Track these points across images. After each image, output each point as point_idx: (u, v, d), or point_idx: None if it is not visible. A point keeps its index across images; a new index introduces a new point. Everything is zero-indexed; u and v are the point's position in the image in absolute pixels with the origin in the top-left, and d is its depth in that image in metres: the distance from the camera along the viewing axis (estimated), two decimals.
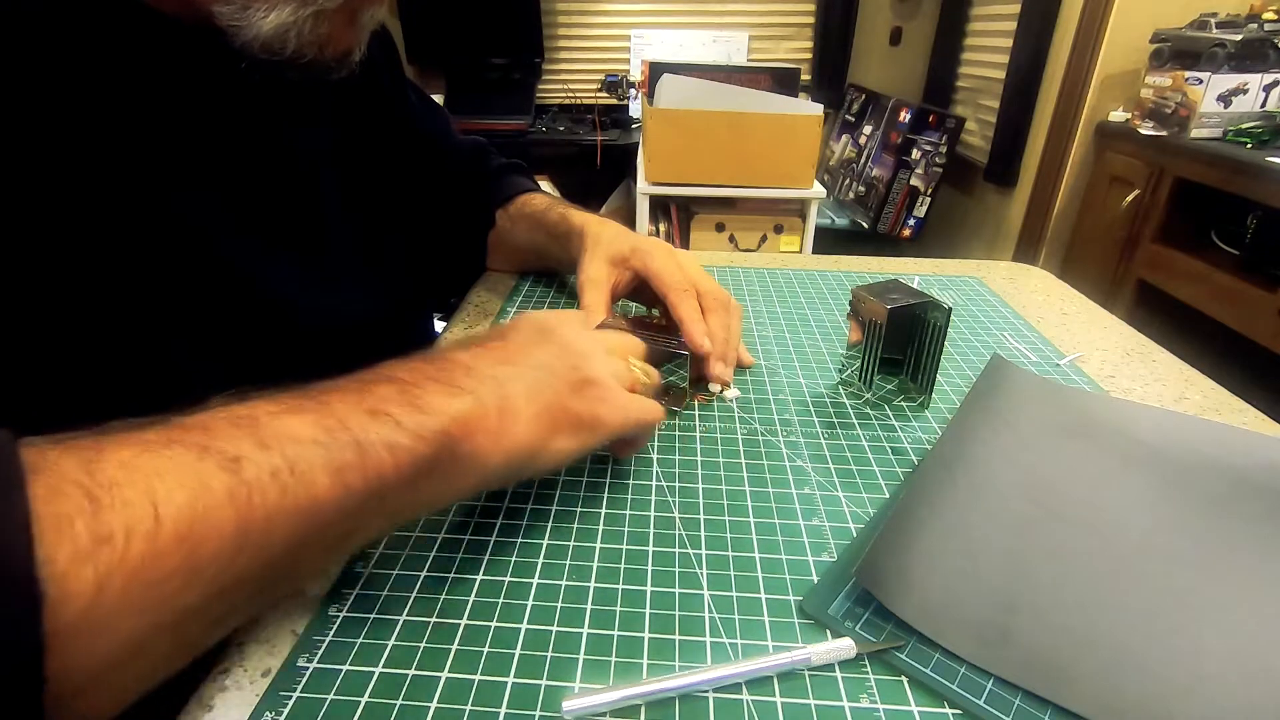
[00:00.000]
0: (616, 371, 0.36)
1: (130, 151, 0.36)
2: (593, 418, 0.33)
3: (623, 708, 0.27)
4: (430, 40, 2.47)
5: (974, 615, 0.30)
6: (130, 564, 0.19)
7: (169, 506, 0.21)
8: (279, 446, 0.24)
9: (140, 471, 0.21)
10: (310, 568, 0.26)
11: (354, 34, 0.41)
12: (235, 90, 0.41)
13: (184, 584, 0.21)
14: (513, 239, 0.67)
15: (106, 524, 0.19)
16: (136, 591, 0.20)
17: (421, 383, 0.29)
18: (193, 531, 0.21)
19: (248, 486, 0.22)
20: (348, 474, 0.24)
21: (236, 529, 0.22)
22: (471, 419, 0.28)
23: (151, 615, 0.20)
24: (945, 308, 0.44)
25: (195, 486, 0.21)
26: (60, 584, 0.18)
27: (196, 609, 0.21)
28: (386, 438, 0.26)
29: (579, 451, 0.33)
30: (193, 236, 0.39)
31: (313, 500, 0.23)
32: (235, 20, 0.36)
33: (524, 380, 0.31)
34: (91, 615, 0.19)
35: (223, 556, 0.21)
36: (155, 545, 0.20)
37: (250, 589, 0.23)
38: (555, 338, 0.35)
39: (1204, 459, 0.40)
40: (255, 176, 0.44)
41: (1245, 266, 1.47)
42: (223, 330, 0.41)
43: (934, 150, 2.24)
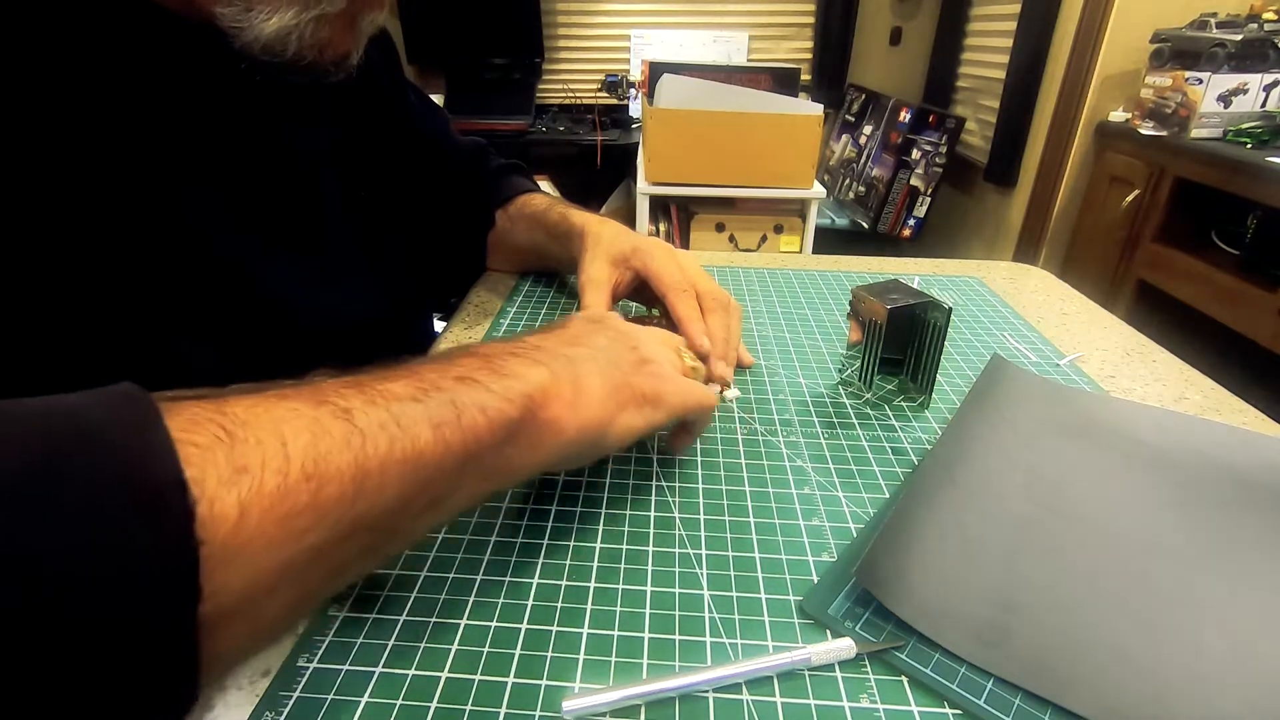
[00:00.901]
0: (670, 357, 0.39)
1: (132, 150, 0.36)
2: (655, 394, 0.34)
3: (623, 708, 0.27)
4: (430, 40, 2.47)
5: (974, 615, 0.30)
6: (267, 496, 0.20)
7: (296, 446, 0.21)
8: (384, 403, 0.25)
9: (266, 416, 0.22)
10: (415, 525, 0.26)
11: (353, 38, 0.41)
12: (237, 90, 0.41)
13: (311, 522, 0.21)
14: (512, 239, 0.67)
15: (243, 455, 0.20)
16: (271, 524, 0.20)
17: (502, 355, 0.30)
18: (318, 470, 0.22)
19: (361, 434, 0.23)
20: (446, 430, 0.25)
21: (354, 473, 0.22)
22: (550, 388, 0.30)
23: (284, 550, 0.21)
24: (945, 308, 0.44)
25: (316, 431, 0.22)
26: (210, 504, 0.19)
27: (320, 551, 0.22)
28: (478, 399, 0.27)
29: (645, 429, 0.34)
30: (194, 236, 0.39)
31: (418, 453, 0.24)
32: (237, 22, 0.36)
33: (592, 360, 0.33)
34: (236, 539, 0.19)
35: (344, 499, 0.22)
36: (287, 481, 0.21)
37: (364, 539, 0.24)
38: (609, 324, 0.37)
39: (1204, 459, 0.40)
40: (256, 176, 0.44)
41: (1245, 266, 1.47)
42: (223, 329, 0.41)
43: (934, 150, 2.24)
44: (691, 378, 0.39)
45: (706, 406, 0.38)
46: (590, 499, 0.38)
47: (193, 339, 0.40)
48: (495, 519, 0.36)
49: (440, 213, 0.65)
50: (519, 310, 0.61)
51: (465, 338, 0.56)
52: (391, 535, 0.26)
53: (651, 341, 0.38)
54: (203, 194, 0.40)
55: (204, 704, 0.27)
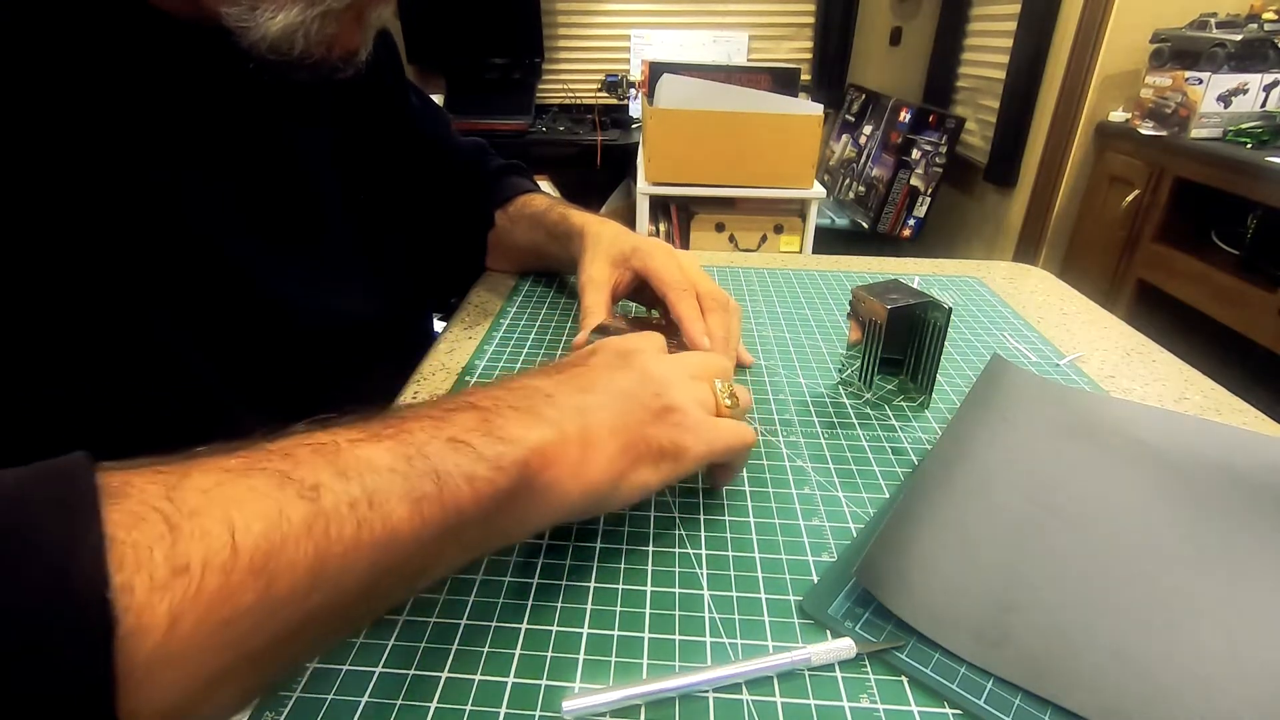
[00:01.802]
0: (700, 398, 0.35)
1: (132, 150, 0.36)
2: (675, 447, 0.32)
3: (623, 708, 0.27)
4: (430, 40, 2.46)
5: (974, 615, 0.30)
6: (205, 599, 0.19)
7: (246, 537, 0.20)
8: (358, 476, 0.23)
9: (220, 501, 0.20)
10: (384, 603, 0.25)
11: (360, 34, 0.41)
12: (238, 90, 0.41)
13: (258, 621, 0.20)
14: (512, 239, 0.67)
15: (184, 554, 0.19)
16: (209, 629, 0.19)
17: (502, 410, 0.28)
18: (269, 565, 0.20)
19: (325, 517, 0.21)
20: (425, 505, 0.24)
21: (312, 564, 0.21)
22: (551, 450, 0.27)
23: (224, 652, 0.19)
24: (945, 308, 0.44)
25: (273, 517, 0.21)
26: (137, 615, 0.17)
27: (269, 647, 0.21)
28: (466, 468, 0.25)
29: (660, 484, 0.32)
30: (194, 235, 0.39)
31: (390, 532, 0.23)
32: (243, 21, 0.36)
33: (606, 410, 0.30)
34: (164, 651, 0.18)
35: (297, 593, 0.21)
36: (230, 580, 0.19)
37: (323, 627, 0.22)
38: (636, 363, 0.34)
39: (1204, 459, 0.40)
40: (257, 176, 0.44)
41: (1245, 266, 1.47)
42: (223, 328, 0.42)
43: (934, 150, 2.24)
44: (728, 415, 0.36)
45: (739, 448, 0.35)
46: None
47: (193, 339, 0.40)
48: None
49: (440, 213, 0.65)
50: (519, 310, 0.61)
51: (465, 338, 0.56)
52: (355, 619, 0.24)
53: (681, 382, 0.34)
54: (203, 194, 0.40)
55: None
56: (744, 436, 0.35)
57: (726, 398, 0.36)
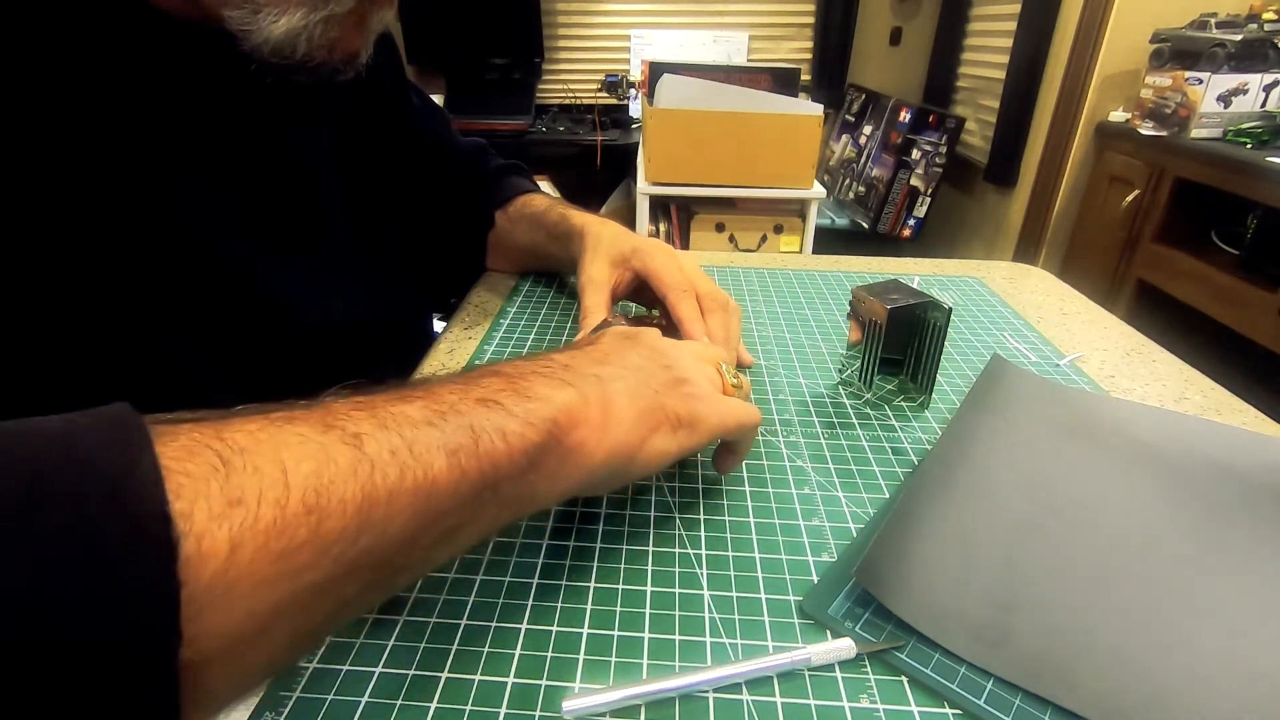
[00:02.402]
0: (708, 375, 0.36)
1: (134, 151, 0.37)
2: (691, 416, 0.32)
3: (623, 708, 0.27)
4: (430, 41, 2.47)
5: (974, 615, 0.30)
6: (261, 531, 0.19)
7: (297, 475, 0.20)
8: (396, 427, 0.23)
9: (268, 442, 0.20)
10: (426, 558, 0.25)
11: (362, 37, 0.41)
12: (239, 91, 0.41)
13: (310, 558, 0.20)
14: (512, 239, 0.67)
15: (239, 486, 0.19)
16: (265, 561, 0.19)
17: (526, 375, 0.29)
18: (320, 502, 0.20)
19: (370, 462, 0.22)
20: (462, 456, 0.24)
21: (361, 504, 0.21)
22: (576, 410, 0.28)
23: (279, 587, 0.19)
24: (945, 308, 0.44)
25: (321, 458, 0.21)
26: (197, 541, 0.18)
27: (319, 589, 0.21)
28: (498, 423, 0.26)
29: (679, 452, 0.32)
30: (195, 236, 0.39)
31: (430, 481, 0.23)
32: (246, 24, 0.36)
33: (622, 380, 0.31)
34: (225, 579, 0.18)
35: (348, 532, 0.21)
36: (285, 514, 0.19)
37: (370, 574, 0.22)
38: (644, 341, 0.35)
39: (1204, 459, 0.40)
40: (257, 177, 0.44)
41: (1245, 266, 1.47)
42: (223, 329, 0.42)
43: (934, 150, 2.24)
44: (733, 395, 0.37)
45: (749, 425, 0.36)
46: (590, 499, 0.38)
47: (194, 339, 0.40)
48: None
49: (440, 213, 0.65)
50: (519, 310, 0.61)
51: (465, 338, 0.56)
52: (400, 569, 0.24)
53: (688, 359, 0.35)
54: (204, 195, 0.40)
55: None
56: (752, 415, 0.36)
57: (732, 378, 0.37)
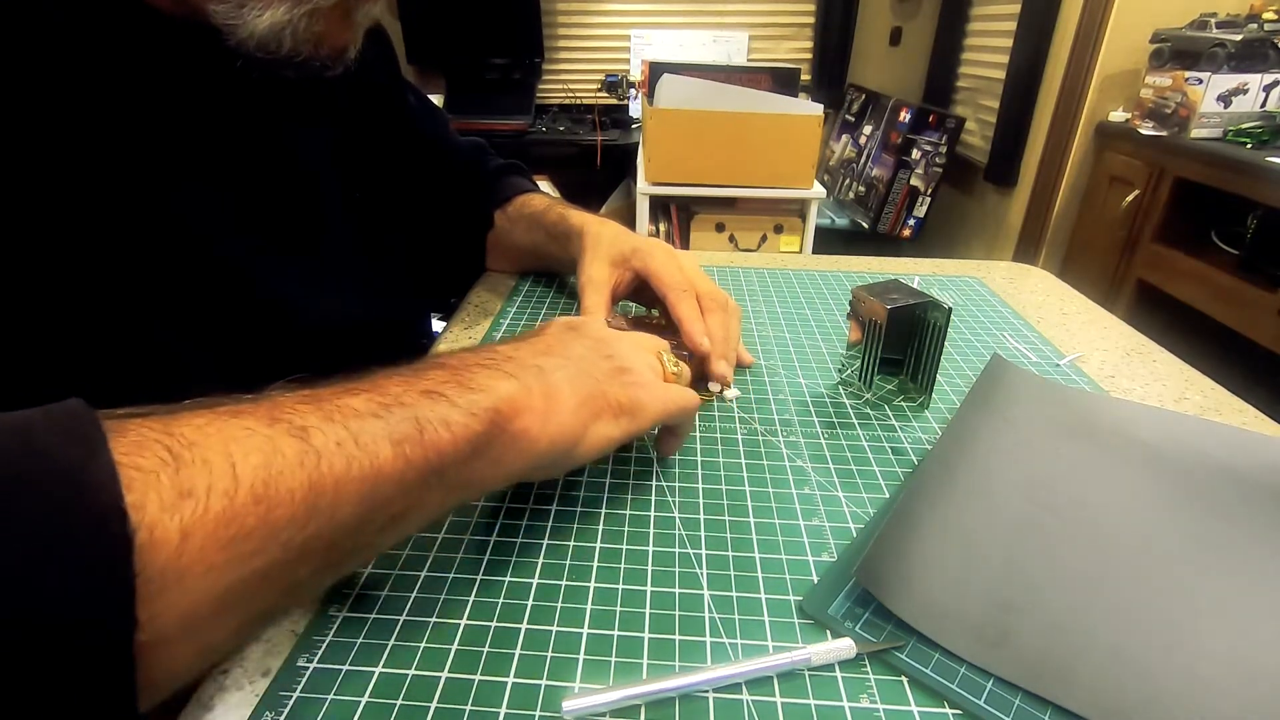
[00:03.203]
0: (650, 364, 0.38)
1: (130, 150, 0.36)
2: (632, 403, 0.34)
3: (623, 708, 0.27)
4: (430, 40, 2.47)
5: (974, 615, 0.30)
6: (211, 520, 0.20)
7: (245, 467, 0.21)
8: (342, 420, 0.24)
9: (216, 435, 0.21)
10: (373, 542, 0.26)
11: (349, 31, 0.41)
12: (235, 90, 0.41)
13: (259, 545, 0.21)
14: (511, 239, 0.67)
15: (188, 479, 0.20)
16: (215, 548, 0.20)
17: (470, 367, 0.30)
18: (268, 492, 0.21)
19: (316, 453, 0.23)
20: (407, 446, 0.25)
21: (307, 493, 0.22)
22: (519, 399, 0.29)
23: (229, 573, 0.20)
24: (945, 308, 0.44)
25: (268, 451, 0.22)
26: (150, 530, 0.18)
27: (269, 574, 0.22)
28: (442, 414, 0.26)
29: (621, 438, 0.33)
30: (192, 236, 0.39)
31: (376, 471, 0.24)
32: (230, 19, 0.36)
33: (565, 369, 0.32)
34: (177, 565, 0.19)
35: (295, 521, 0.22)
36: (234, 504, 0.20)
37: (318, 559, 0.23)
38: (587, 331, 0.36)
39: (1204, 459, 0.40)
40: (255, 176, 0.44)
41: (1245, 266, 1.47)
42: (222, 329, 0.41)
43: (934, 150, 2.24)
44: (674, 382, 0.39)
45: (687, 410, 0.38)
46: (590, 499, 0.38)
47: (193, 340, 0.40)
48: (495, 519, 0.36)
49: (439, 213, 0.65)
50: (519, 310, 0.61)
51: (465, 338, 0.56)
52: (349, 553, 0.25)
53: (629, 348, 0.37)
54: (201, 195, 0.40)
55: (203, 704, 0.27)
56: (691, 400, 0.38)
57: (673, 366, 0.39)
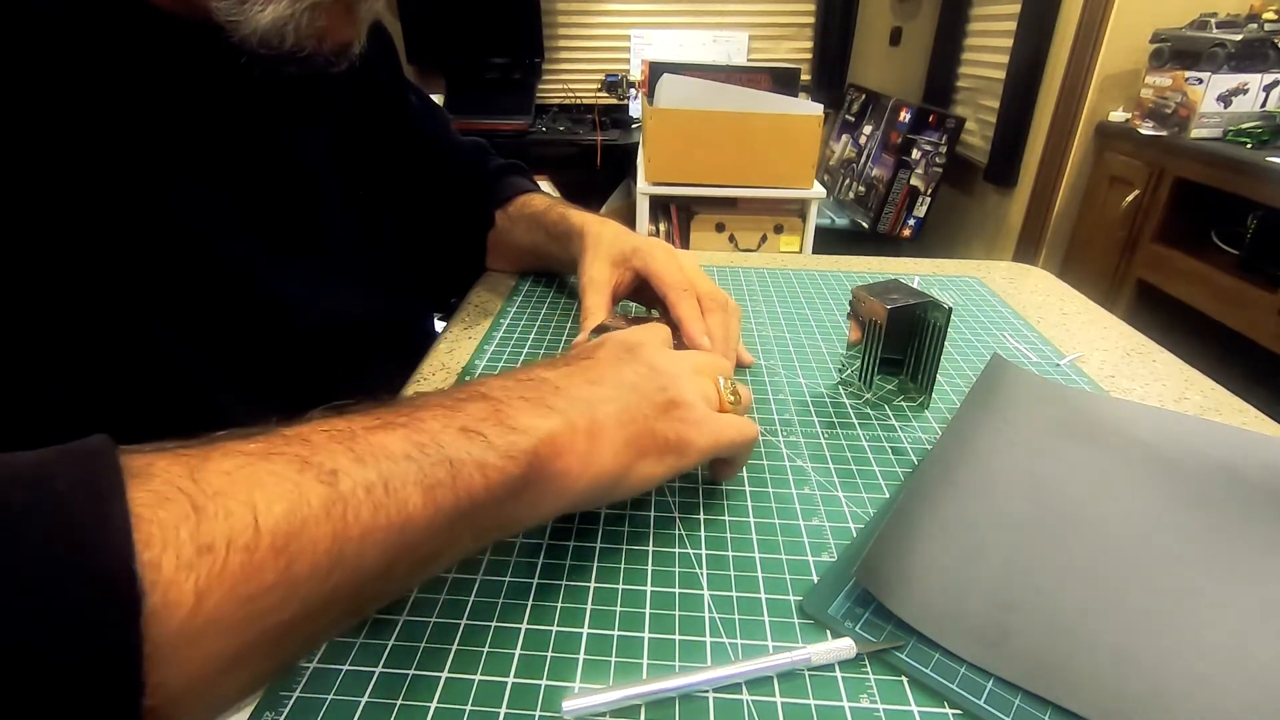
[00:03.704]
0: (705, 393, 0.35)
1: (130, 149, 0.36)
2: (680, 440, 0.32)
3: (623, 708, 0.27)
4: (430, 40, 2.47)
5: (974, 615, 0.30)
6: (229, 577, 0.19)
7: (269, 518, 0.20)
8: (374, 462, 0.23)
9: (242, 483, 0.21)
10: (399, 586, 0.25)
11: (352, 26, 0.41)
12: (236, 89, 0.41)
13: (279, 601, 0.20)
14: (512, 239, 0.67)
15: (209, 533, 0.19)
16: (232, 606, 0.19)
17: (512, 401, 0.28)
18: (289, 545, 0.20)
19: (344, 501, 0.22)
20: (439, 492, 0.24)
21: (332, 544, 0.21)
22: (560, 440, 0.28)
23: (246, 632, 0.20)
24: (945, 308, 0.44)
25: (294, 499, 0.21)
26: (164, 591, 0.18)
27: (290, 626, 0.21)
28: (478, 456, 0.25)
29: (666, 475, 0.32)
30: (193, 236, 0.39)
31: (405, 517, 0.23)
32: (232, 15, 0.36)
33: (613, 403, 0.31)
34: (191, 627, 0.18)
35: (318, 573, 0.21)
36: (254, 558, 0.20)
37: (342, 607, 0.23)
38: (642, 357, 0.35)
39: (1204, 459, 0.40)
40: (256, 176, 0.44)
41: (1245, 266, 1.47)
42: (223, 329, 0.41)
43: (934, 150, 2.24)
44: (731, 411, 0.36)
45: (743, 443, 0.36)
46: None
47: (194, 340, 0.40)
48: None
49: (440, 213, 0.65)
50: (519, 310, 0.61)
51: (465, 338, 0.56)
52: (373, 599, 0.25)
53: (685, 377, 0.35)
54: (202, 194, 0.40)
55: None
56: (747, 432, 0.36)
57: (730, 394, 0.37)
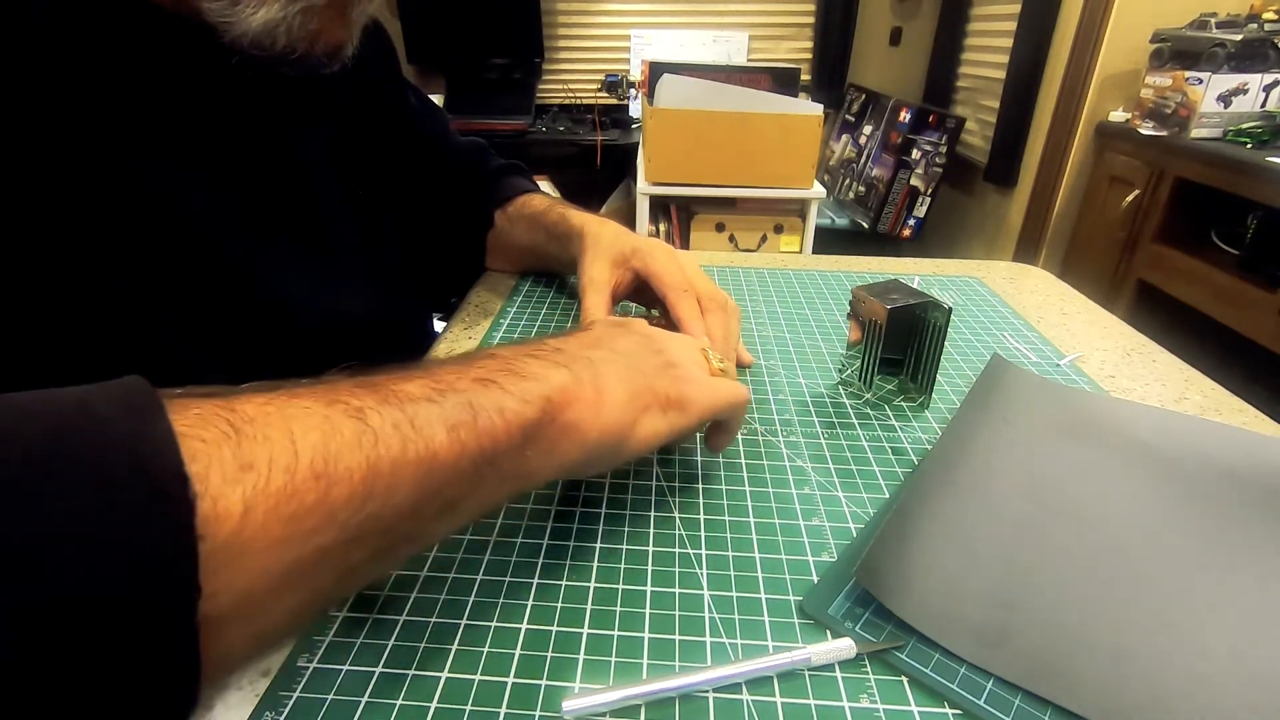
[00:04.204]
0: (696, 359, 0.38)
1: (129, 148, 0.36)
2: (681, 397, 0.34)
3: (623, 708, 0.27)
4: (430, 40, 2.47)
5: (974, 615, 0.30)
6: (273, 495, 0.20)
7: (305, 444, 0.21)
8: (398, 403, 0.24)
9: (276, 414, 0.21)
10: (429, 528, 0.26)
11: (345, 28, 0.41)
12: (234, 89, 0.41)
13: (319, 523, 0.21)
14: (511, 239, 0.67)
15: (250, 453, 0.20)
16: (277, 523, 0.20)
17: (521, 357, 0.30)
18: (327, 470, 0.21)
19: (374, 434, 0.23)
20: (462, 431, 0.25)
21: (366, 473, 0.22)
22: (570, 389, 0.29)
23: (289, 551, 0.20)
24: (945, 308, 0.44)
25: (327, 430, 0.22)
26: (214, 501, 0.18)
27: (327, 553, 0.22)
28: (495, 400, 0.27)
29: (670, 434, 0.33)
30: (191, 235, 0.39)
31: (432, 454, 0.24)
32: (224, 16, 0.36)
33: (614, 362, 0.32)
34: (239, 539, 0.19)
35: (354, 499, 0.22)
36: (294, 480, 0.20)
37: (375, 541, 0.23)
38: (634, 328, 0.37)
39: (1204, 459, 0.40)
40: (255, 176, 0.44)
41: (1245, 266, 1.47)
42: (223, 330, 0.41)
43: (934, 150, 2.24)
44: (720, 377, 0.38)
45: (737, 403, 0.37)
46: (590, 499, 0.38)
47: (194, 339, 0.40)
48: (495, 519, 0.36)
49: (439, 213, 0.65)
50: (519, 310, 0.61)
51: (465, 338, 0.56)
52: (404, 539, 0.25)
53: (678, 344, 0.37)
54: (202, 194, 0.40)
55: (203, 704, 0.27)
56: (740, 394, 0.37)
57: (718, 362, 0.39)
